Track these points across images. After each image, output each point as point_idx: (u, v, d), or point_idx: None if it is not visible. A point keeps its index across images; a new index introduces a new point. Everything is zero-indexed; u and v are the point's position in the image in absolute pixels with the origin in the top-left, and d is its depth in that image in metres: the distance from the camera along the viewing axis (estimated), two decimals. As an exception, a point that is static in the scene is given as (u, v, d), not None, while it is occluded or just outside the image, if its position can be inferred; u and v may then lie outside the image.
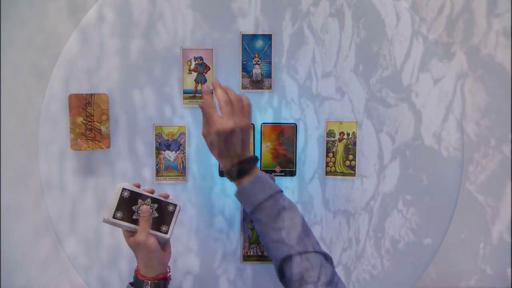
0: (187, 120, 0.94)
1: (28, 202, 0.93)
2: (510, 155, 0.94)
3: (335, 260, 0.94)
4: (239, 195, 0.79)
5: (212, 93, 0.77)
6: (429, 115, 0.94)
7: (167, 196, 0.81)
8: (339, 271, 0.94)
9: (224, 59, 0.94)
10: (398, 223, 0.95)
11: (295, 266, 0.70)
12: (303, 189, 0.95)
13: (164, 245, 0.80)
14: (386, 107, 0.93)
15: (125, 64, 0.93)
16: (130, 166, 0.94)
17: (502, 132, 0.94)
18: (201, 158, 0.95)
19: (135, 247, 0.75)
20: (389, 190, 0.95)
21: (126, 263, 0.94)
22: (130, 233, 0.77)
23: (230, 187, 0.95)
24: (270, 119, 0.95)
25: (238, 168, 0.76)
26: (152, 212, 0.78)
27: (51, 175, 0.93)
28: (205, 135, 0.78)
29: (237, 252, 0.96)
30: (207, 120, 0.76)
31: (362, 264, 0.96)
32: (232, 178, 0.79)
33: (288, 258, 0.71)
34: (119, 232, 0.80)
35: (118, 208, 0.76)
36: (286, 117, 0.94)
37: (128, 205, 0.77)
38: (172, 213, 0.81)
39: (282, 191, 0.78)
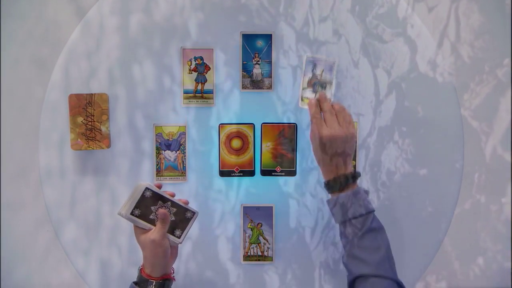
0: (187, 120, 0.94)
1: (28, 198, 0.93)
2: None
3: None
4: (333, 205, 0.80)
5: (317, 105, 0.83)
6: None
7: (187, 203, 0.82)
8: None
9: (224, 59, 0.94)
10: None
11: (369, 287, 0.71)
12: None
13: (172, 247, 0.81)
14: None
15: (125, 64, 0.93)
16: (130, 166, 0.94)
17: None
18: (201, 158, 0.95)
19: (149, 245, 0.76)
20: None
21: (124, 258, 0.94)
22: (142, 231, 0.78)
23: (230, 187, 0.95)
24: (270, 119, 0.95)
25: (340, 182, 0.78)
26: (170, 215, 0.79)
27: (51, 175, 0.93)
28: (312, 139, 0.82)
29: (237, 252, 0.96)
30: (314, 127, 0.81)
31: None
32: (331, 190, 0.80)
33: (364, 277, 0.73)
34: (117, 229, 0.80)
35: (137, 206, 0.77)
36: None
37: (148, 204, 0.78)
38: (189, 219, 0.82)
39: (374, 211, 0.79)
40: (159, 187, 0.82)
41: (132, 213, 0.77)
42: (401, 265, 0.84)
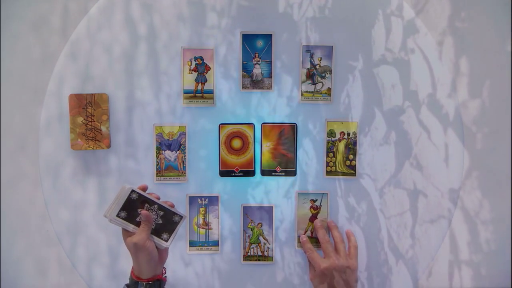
0: (187, 120, 0.94)
1: (28, 198, 0.93)
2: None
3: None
4: None
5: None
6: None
7: (172, 206, 0.82)
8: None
9: (224, 59, 0.94)
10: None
11: None
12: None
13: (162, 250, 0.81)
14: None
15: (125, 64, 0.93)
16: (130, 166, 0.94)
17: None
18: (201, 158, 0.95)
19: (133, 248, 0.76)
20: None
21: (123, 257, 0.94)
22: (129, 234, 0.78)
23: (231, 187, 0.95)
24: (270, 119, 0.95)
25: None
26: (157, 218, 0.79)
27: (52, 176, 0.93)
28: (312, 279, 0.84)
29: (238, 252, 0.96)
30: (310, 263, 0.84)
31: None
32: None
33: None
34: (117, 229, 0.80)
35: (123, 208, 0.77)
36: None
37: (134, 207, 0.78)
38: (177, 223, 0.82)
39: None
40: (144, 189, 0.81)
41: (118, 215, 0.77)
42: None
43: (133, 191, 0.78)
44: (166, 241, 0.80)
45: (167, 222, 0.81)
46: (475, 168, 0.95)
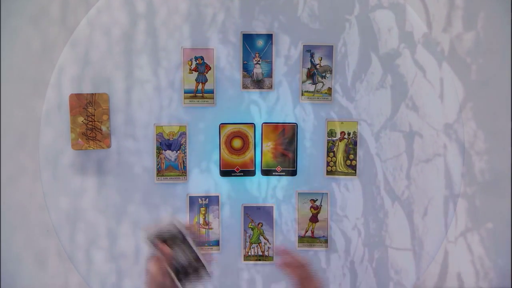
0: (188, 119, 0.94)
1: (28, 197, 0.93)
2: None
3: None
4: None
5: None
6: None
7: (210, 260, 0.81)
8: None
9: (224, 59, 0.94)
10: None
11: None
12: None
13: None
14: None
15: (126, 64, 0.93)
16: (131, 165, 0.94)
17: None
18: (201, 158, 0.95)
19: (146, 272, 0.75)
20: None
21: (123, 256, 0.94)
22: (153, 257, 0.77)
23: (231, 187, 0.95)
24: (271, 119, 0.95)
25: None
26: (187, 258, 0.77)
27: (52, 176, 0.93)
28: None
29: (238, 252, 0.96)
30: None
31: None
32: None
33: None
34: (117, 229, 0.80)
35: (162, 236, 0.76)
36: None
37: (172, 239, 0.76)
38: (200, 275, 0.80)
39: None
40: (190, 228, 0.80)
41: (154, 238, 0.76)
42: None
43: (180, 231, 0.77)
44: (180, 281, 0.79)
45: (192, 269, 0.79)
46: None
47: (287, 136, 0.95)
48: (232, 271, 0.96)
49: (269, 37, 0.93)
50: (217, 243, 0.96)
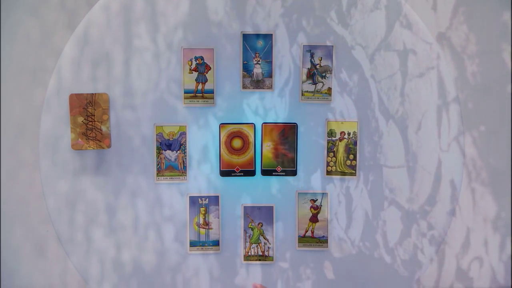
0: (188, 119, 0.94)
1: (29, 197, 0.93)
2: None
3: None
4: None
5: None
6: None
7: None
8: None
9: (225, 59, 0.94)
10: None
11: None
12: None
13: None
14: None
15: (126, 64, 0.93)
16: (131, 166, 0.94)
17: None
18: (201, 158, 0.95)
19: None
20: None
21: (122, 255, 0.94)
22: None
23: (231, 187, 0.95)
24: (271, 119, 0.95)
25: None
26: None
27: (52, 175, 0.93)
28: None
29: (238, 252, 0.96)
30: None
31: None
32: None
33: None
34: (117, 229, 0.80)
35: None
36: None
37: None
38: None
39: None
40: None
41: None
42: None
43: None
44: None
45: None
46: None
47: (287, 136, 0.95)
48: (232, 271, 0.96)
49: (269, 37, 0.93)
50: (217, 243, 0.96)
